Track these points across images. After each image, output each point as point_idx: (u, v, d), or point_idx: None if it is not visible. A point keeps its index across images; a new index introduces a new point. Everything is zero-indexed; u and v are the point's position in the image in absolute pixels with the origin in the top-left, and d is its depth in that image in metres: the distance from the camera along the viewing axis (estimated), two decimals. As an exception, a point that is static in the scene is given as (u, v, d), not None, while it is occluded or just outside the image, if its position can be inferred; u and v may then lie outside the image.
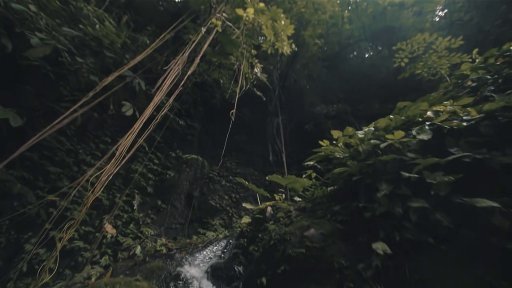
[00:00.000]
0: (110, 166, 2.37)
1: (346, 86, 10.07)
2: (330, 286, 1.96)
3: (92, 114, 6.37)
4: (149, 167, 7.31)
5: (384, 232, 2.11)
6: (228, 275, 2.79)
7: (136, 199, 6.74)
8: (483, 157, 2.16)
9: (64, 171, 5.83)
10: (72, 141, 6.24)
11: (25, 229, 5.00)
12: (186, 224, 6.88)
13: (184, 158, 7.49)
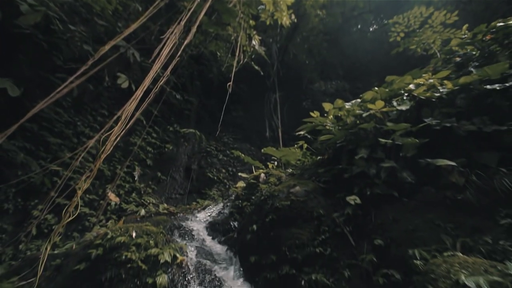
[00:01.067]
0: (118, 128, 2.64)
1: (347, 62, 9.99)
2: (309, 229, 2.41)
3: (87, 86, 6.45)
4: (147, 140, 7.62)
5: (358, 188, 2.51)
6: (225, 228, 3.27)
7: (136, 171, 7.17)
8: (451, 125, 2.47)
9: (64, 142, 6.11)
10: (70, 113, 6.42)
11: (31, 197, 5.44)
12: (185, 195, 7.41)
13: (182, 132, 7.76)
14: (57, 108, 6.06)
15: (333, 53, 9.60)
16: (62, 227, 2.18)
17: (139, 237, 2.37)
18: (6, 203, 5.08)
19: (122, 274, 2.08)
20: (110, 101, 7.38)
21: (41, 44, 5.05)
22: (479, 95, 2.67)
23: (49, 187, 5.65)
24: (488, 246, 1.71)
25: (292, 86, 9.29)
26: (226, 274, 2.35)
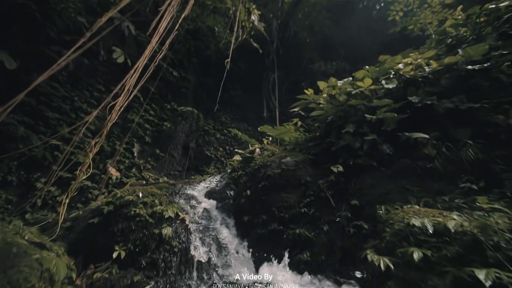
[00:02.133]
0: (122, 98, 2.83)
1: (349, 42, 9.84)
2: (297, 194, 2.76)
3: (82, 60, 6.46)
4: (145, 117, 7.79)
5: (342, 159, 2.82)
6: (221, 196, 3.64)
7: (135, 147, 7.44)
8: (432, 102, 2.72)
9: (63, 117, 6.29)
10: (66, 88, 6.51)
11: (33, 170, 5.74)
12: (184, 172, 7.79)
13: (179, 110, 7.92)
14: (53, 83, 6.14)
15: (336, 32, 9.40)
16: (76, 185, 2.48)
17: (145, 197, 2.71)
18: (10, 175, 5.39)
19: (132, 226, 2.44)
20: (106, 76, 7.41)
21: (34, 16, 5.00)
22: (463, 75, 2.88)
23: (51, 161, 5.94)
24: (445, 204, 2.06)
25: (292, 66, 9.23)
26: (222, 230, 2.74)
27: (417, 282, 1.28)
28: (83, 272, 2.23)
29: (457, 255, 1.30)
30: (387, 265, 1.44)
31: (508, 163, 2.23)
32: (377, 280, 1.45)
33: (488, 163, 2.24)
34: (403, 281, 1.32)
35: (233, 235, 2.70)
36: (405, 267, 1.40)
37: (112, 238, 2.40)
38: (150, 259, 2.27)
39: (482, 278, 1.06)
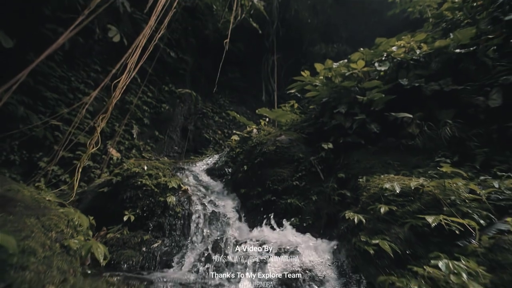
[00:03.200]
0: (125, 76, 2.98)
1: (352, 23, 9.67)
2: (290, 169, 3.04)
3: (77, 39, 6.43)
4: (143, 99, 7.89)
5: (333, 137, 3.07)
6: (220, 173, 3.93)
7: (134, 129, 7.64)
8: (419, 84, 2.91)
9: (61, 97, 6.40)
10: (63, 68, 6.57)
11: (35, 149, 5.97)
12: (183, 153, 8.06)
13: (177, 92, 8.00)
14: (49, 62, 6.18)
15: (338, 12, 9.20)
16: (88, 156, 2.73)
17: (150, 169, 2.98)
18: (12, 154, 5.62)
19: (139, 194, 2.73)
20: (102, 56, 7.41)
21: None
22: (452, 59, 3.04)
23: (52, 141, 6.16)
24: (419, 175, 2.34)
25: (292, 48, 9.16)
26: (220, 199, 3.05)
27: (383, 231, 1.58)
28: (97, 233, 2.55)
29: (417, 210, 1.59)
30: (360, 219, 1.74)
31: (483, 141, 2.49)
32: (351, 232, 1.76)
33: (464, 141, 2.50)
34: (372, 231, 1.62)
35: (231, 205, 3.02)
36: (375, 221, 1.70)
37: (121, 205, 2.70)
38: (157, 222, 2.59)
39: (430, 221, 1.35)
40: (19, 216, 1.44)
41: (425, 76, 3.09)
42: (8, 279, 0.93)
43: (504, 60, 2.78)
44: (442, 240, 1.38)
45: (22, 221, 1.39)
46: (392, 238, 1.49)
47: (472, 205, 1.54)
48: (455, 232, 1.36)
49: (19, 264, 1.04)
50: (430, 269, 1.07)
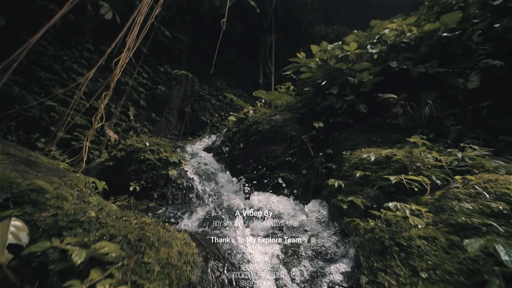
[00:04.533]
0: (124, 54, 3.12)
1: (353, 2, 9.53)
2: (283, 146, 3.33)
3: (69, 16, 6.34)
4: (138, 80, 7.94)
5: (325, 117, 3.33)
6: (218, 152, 4.21)
7: (131, 110, 7.77)
8: (407, 67, 3.13)
9: (55, 77, 6.45)
10: (55, 47, 6.54)
11: (32, 130, 6.12)
12: (180, 136, 8.28)
13: (173, 74, 8.03)
14: (41, 40, 6.14)
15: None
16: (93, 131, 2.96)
17: (151, 145, 3.23)
18: (10, 135, 5.78)
19: (143, 168, 3.01)
20: (94, 34, 7.33)
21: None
22: (440, 43, 3.23)
23: (48, 122, 6.30)
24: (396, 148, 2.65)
25: (291, 29, 9.08)
26: (219, 174, 3.36)
27: (357, 192, 1.90)
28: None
29: (387, 174, 1.90)
30: (340, 184, 2.05)
31: (458, 120, 2.78)
32: (332, 195, 2.08)
33: (442, 120, 2.78)
34: (348, 192, 1.94)
35: (228, 178, 3.33)
36: (352, 185, 2.02)
37: (127, 177, 2.98)
38: (160, 192, 2.90)
39: (392, 179, 1.66)
40: (46, 175, 1.71)
41: (414, 59, 3.30)
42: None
43: (487, 45, 2.99)
44: (403, 196, 1.71)
45: (49, 178, 1.67)
46: (363, 196, 1.81)
47: (434, 170, 1.85)
48: (414, 190, 1.68)
49: (56, 205, 1.32)
50: (385, 212, 1.39)
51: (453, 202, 1.33)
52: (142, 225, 1.10)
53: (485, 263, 0.99)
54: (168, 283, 0.92)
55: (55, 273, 0.94)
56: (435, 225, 1.25)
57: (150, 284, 0.88)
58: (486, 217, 1.21)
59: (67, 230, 1.01)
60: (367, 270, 1.13)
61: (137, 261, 0.95)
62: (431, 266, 1.06)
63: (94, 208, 1.17)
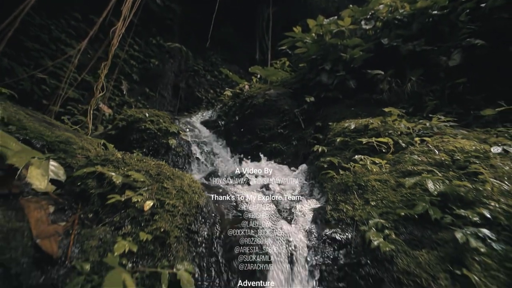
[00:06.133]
0: (120, 23, 3.24)
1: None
2: (276, 119, 3.65)
3: (52, -22, 6.12)
4: (130, 53, 7.88)
5: (316, 92, 3.62)
6: (214, 125, 4.51)
7: (124, 85, 7.83)
8: (397, 44, 3.37)
9: (43, 48, 6.41)
10: (41, 15, 6.41)
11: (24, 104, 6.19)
12: (175, 112, 8.46)
13: (166, 46, 7.97)
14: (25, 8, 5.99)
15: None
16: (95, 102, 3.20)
17: (151, 116, 3.50)
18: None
19: (144, 137, 3.32)
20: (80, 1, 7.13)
21: None
22: (431, 20, 3.44)
23: (40, 95, 6.39)
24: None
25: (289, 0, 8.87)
26: (215, 145, 3.71)
27: (336, 154, 2.28)
28: (111, 167, 3.20)
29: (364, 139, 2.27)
30: (323, 149, 2.43)
31: (437, 95, 3.12)
32: (316, 159, 2.46)
33: (422, 95, 3.12)
34: (330, 155, 2.32)
35: (224, 148, 3.69)
36: (333, 150, 2.39)
37: (129, 145, 3.29)
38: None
39: (364, 141, 2.03)
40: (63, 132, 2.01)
41: (406, 36, 3.52)
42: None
43: (474, 24, 3.23)
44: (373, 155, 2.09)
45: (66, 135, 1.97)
46: (341, 157, 2.19)
47: (403, 136, 2.23)
48: (382, 150, 2.06)
49: (83, 154, 1.65)
50: (353, 164, 1.77)
51: (407, 156, 1.72)
52: (159, 165, 1.44)
53: (418, 194, 1.39)
54: (182, 202, 1.30)
55: (95, 195, 1.30)
56: (389, 173, 1.64)
57: (170, 200, 1.25)
58: (431, 166, 1.60)
59: (100, 166, 1.35)
60: (332, 202, 1.54)
61: (158, 187, 1.31)
62: (380, 198, 1.46)
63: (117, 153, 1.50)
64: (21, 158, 1.08)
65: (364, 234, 1.21)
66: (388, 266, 1.07)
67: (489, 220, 1.19)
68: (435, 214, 1.19)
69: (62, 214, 1.17)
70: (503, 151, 1.68)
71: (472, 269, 1.04)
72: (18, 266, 0.89)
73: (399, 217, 1.27)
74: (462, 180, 1.37)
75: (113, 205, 1.24)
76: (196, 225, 1.29)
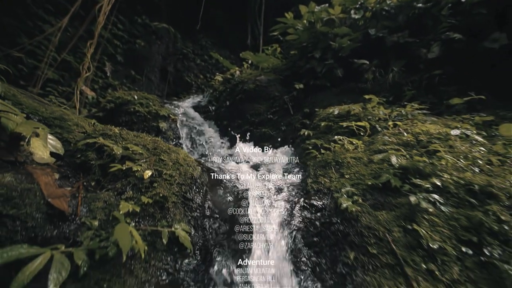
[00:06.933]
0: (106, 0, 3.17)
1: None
2: (266, 105, 3.81)
3: None
4: (113, 32, 7.58)
5: (306, 79, 3.78)
6: (204, 110, 4.60)
7: (107, 66, 7.58)
8: (383, 35, 3.57)
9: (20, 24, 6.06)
10: (14, -15, 6.01)
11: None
12: (163, 97, 8.35)
13: (152, 26, 7.73)
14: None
15: None
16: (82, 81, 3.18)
17: (140, 99, 3.54)
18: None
19: (134, 119, 3.37)
20: (58, -28, 6.70)
21: None
22: (416, 13, 3.65)
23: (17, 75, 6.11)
24: (363, 110, 3.26)
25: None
26: (206, 129, 3.83)
27: (320, 137, 2.50)
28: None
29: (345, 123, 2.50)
30: (309, 133, 2.63)
31: (415, 86, 3.40)
32: (302, 142, 2.67)
33: (402, 85, 3.38)
34: (315, 138, 2.53)
35: (214, 132, 3.82)
36: (318, 133, 2.61)
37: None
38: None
39: (344, 125, 2.25)
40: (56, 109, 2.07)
41: (392, 27, 3.72)
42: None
43: (454, 18, 3.47)
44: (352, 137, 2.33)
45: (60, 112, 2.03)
46: (324, 140, 2.42)
47: (380, 121, 2.47)
48: (360, 133, 2.30)
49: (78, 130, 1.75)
50: (334, 145, 1.99)
51: (379, 137, 1.96)
52: (155, 140, 1.58)
53: (384, 168, 1.64)
54: (178, 173, 1.46)
55: (96, 166, 1.44)
56: (364, 151, 1.88)
57: (167, 171, 1.41)
58: (398, 145, 1.85)
59: (102, 138, 1.47)
60: (313, 175, 1.76)
61: (156, 159, 1.45)
62: (353, 172, 1.70)
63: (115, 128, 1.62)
64: (27, 128, 1.18)
65: (337, 199, 1.44)
66: (354, 223, 1.31)
67: (440, 188, 1.46)
68: (395, 183, 1.44)
69: (67, 181, 1.30)
70: (463, 134, 1.96)
71: (421, 224, 1.30)
72: (34, 220, 1.03)
73: (367, 186, 1.51)
74: (422, 157, 1.63)
75: (114, 174, 1.38)
76: (191, 194, 1.46)
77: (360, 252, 1.21)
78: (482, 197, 1.44)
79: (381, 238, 1.24)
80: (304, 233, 1.36)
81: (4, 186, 1.01)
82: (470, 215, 1.34)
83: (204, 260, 1.24)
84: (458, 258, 1.23)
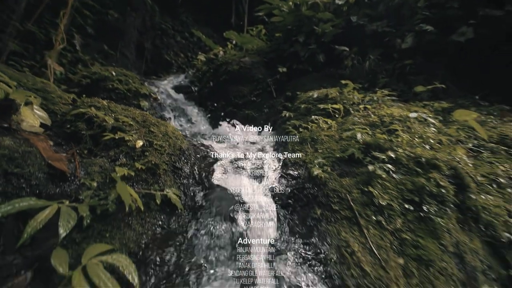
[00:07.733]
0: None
1: None
2: (250, 87, 3.97)
3: None
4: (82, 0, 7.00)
5: (289, 63, 3.97)
6: (187, 91, 4.63)
7: (76, 39, 7.07)
8: (364, 23, 3.83)
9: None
10: None
11: None
12: (141, 75, 8.06)
13: (128, -3, 7.28)
14: None
15: None
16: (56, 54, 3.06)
17: (118, 76, 3.51)
18: None
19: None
20: None
21: None
22: (395, 3, 3.93)
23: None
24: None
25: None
26: (189, 109, 3.92)
27: (301, 118, 2.76)
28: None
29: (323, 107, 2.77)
30: (290, 115, 2.88)
31: (388, 74, 3.76)
32: (283, 123, 2.92)
33: (377, 73, 3.72)
34: (295, 119, 2.78)
35: (198, 113, 3.93)
36: (298, 114, 2.86)
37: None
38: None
39: (321, 107, 2.53)
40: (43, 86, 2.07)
41: (372, 16, 3.99)
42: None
43: (428, 11, 3.81)
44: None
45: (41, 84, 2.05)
46: (303, 121, 2.68)
47: (354, 105, 2.78)
48: (335, 115, 2.60)
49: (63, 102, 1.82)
50: (311, 124, 2.26)
51: (350, 118, 2.26)
52: (143, 114, 1.71)
53: (351, 143, 1.94)
54: (168, 144, 1.63)
55: (87, 136, 1.55)
56: (336, 130, 2.18)
57: (157, 142, 1.57)
58: (365, 125, 2.16)
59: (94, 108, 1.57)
60: (291, 150, 2.03)
61: (146, 131, 1.60)
62: (325, 147, 1.99)
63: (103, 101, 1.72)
64: (20, 95, 1.26)
65: (310, 169, 1.72)
66: (322, 187, 1.60)
67: (394, 160, 1.80)
68: (358, 155, 1.75)
69: (61, 148, 1.42)
70: (422, 118, 2.33)
71: (375, 187, 1.63)
72: (37, 179, 1.16)
73: (335, 159, 1.81)
74: (383, 135, 1.95)
75: (106, 144, 1.52)
76: (180, 164, 1.65)
77: (325, 209, 1.51)
78: (427, 167, 1.81)
79: (342, 198, 1.55)
80: (280, 196, 1.63)
81: (6, 148, 1.11)
82: (415, 180, 1.70)
83: (193, 218, 1.46)
84: (402, 213, 1.58)
